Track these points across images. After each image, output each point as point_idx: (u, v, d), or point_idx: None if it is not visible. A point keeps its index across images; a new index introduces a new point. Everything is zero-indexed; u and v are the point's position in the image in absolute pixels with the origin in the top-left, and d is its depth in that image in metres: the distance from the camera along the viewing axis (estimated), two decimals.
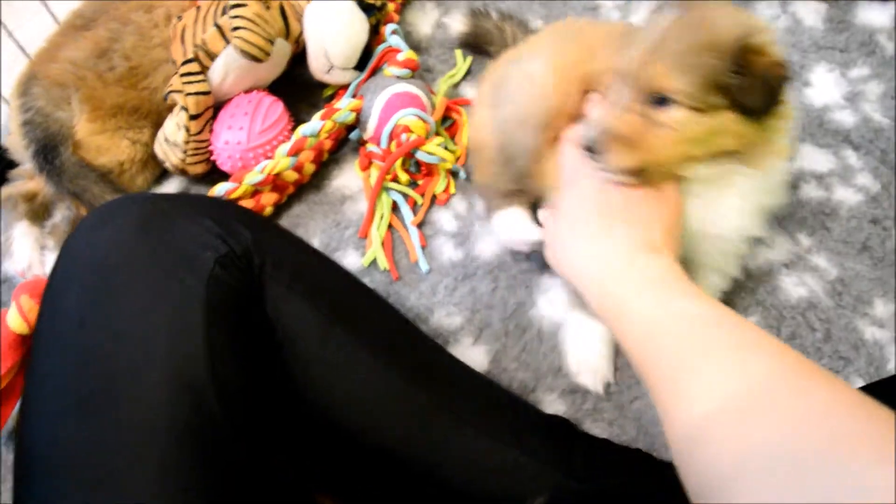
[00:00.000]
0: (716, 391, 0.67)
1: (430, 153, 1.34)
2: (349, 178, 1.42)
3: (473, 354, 1.24)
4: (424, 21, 1.63)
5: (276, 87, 1.46)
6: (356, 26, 1.37)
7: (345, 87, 1.44)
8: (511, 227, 1.23)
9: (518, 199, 1.22)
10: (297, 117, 1.44)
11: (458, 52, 1.56)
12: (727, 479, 0.60)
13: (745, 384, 0.66)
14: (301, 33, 1.40)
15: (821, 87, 1.54)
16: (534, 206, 1.22)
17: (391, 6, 1.54)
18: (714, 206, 0.97)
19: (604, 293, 0.86)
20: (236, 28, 1.30)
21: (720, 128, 0.87)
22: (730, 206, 0.97)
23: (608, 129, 0.88)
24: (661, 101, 0.86)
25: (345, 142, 1.45)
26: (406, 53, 1.40)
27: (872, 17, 1.66)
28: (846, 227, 1.37)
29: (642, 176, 0.90)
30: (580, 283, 0.90)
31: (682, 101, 0.85)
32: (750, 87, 0.83)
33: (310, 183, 1.41)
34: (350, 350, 0.93)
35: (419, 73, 1.52)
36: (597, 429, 1.18)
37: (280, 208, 1.39)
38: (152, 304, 0.81)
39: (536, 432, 1.03)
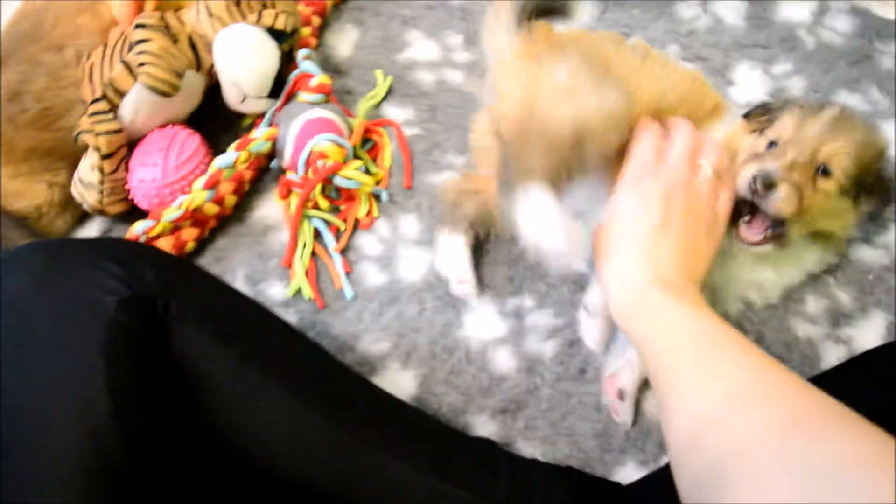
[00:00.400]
0: (726, 381, 0.74)
1: (348, 178, 1.32)
2: (271, 208, 1.39)
3: (401, 380, 1.22)
4: (343, 43, 1.61)
5: (196, 120, 1.43)
6: (266, 54, 1.35)
7: (262, 115, 1.42)
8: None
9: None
10: (219, 149, 1.40)
11: (379, 73, 1.54)
12: (737, 454, 0.66)
13: (753, 377, 0.74)
14: (213, 65, 1.38)
15: (745, 84, 1.53)
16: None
17: (307, 30, 1.52)
18: (779, 273, 1.17)
19: (626, 304, 0.92)
20: (142, 64, 1.28)
21: (847, 213, 1.07)
22: (789, 273, 1.18)
23: (787, 176, 0.98)
24: (824, 171, 1.02)
25: (266, 171, 1.43)
26: (319, 78, 1.38)
27: (792, 12, 1.65)
28: None
29: (782, 228, 1.03)
30: (604, 285, 0.96)
31: (839, 178, 1.02)
32: (875, 194, 1.06)
33: (232, 215, 1.39)
34: (262, 386, 0.92)
35: (339, 95, 1.50)
36: (529, 447, 1.17)
37: (203, 242, 1.36)
38: (52, 355, 0.80)
39: (459, 458, 1.01)
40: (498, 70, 1.24)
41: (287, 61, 1.42)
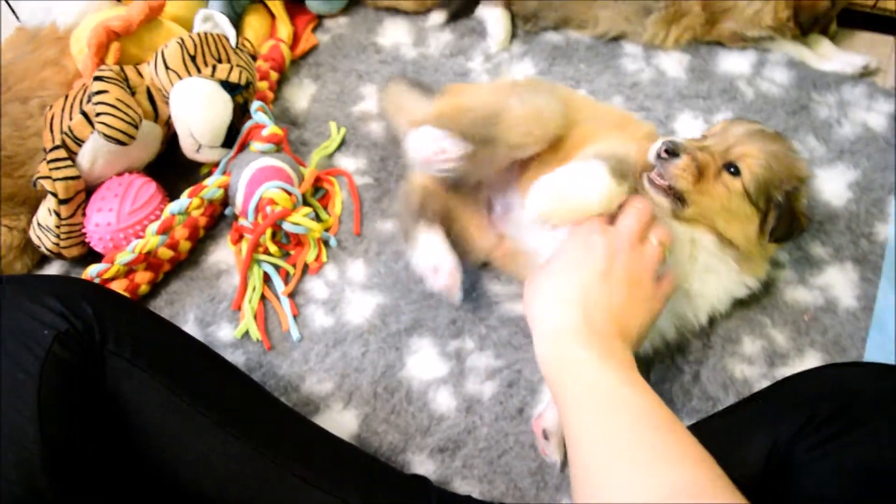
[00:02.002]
0: (616, 444, 0.77)
1: (296, 224, 1.36)
2: (225, 254, 1.43)
3: (343, 419, 1.24)
4: (301, 97, 1.68)
5: (155, 169, 1.48)
6: (219, 106, 1.40)
7: (217, 164, 1.47)
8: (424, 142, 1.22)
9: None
10: (176, 196, 1.45)
11: (332, 125, 1.60)
12: None
13: (644, 441, 0.76)
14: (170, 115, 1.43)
15: (687, 133, 1.58)
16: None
17: (264, 84, 1.58)
18: (706, 287, 1.21)
19: (549, 344, 0.92)
20: (99, 114, 1.33)
21: (749, 221, 1.12)
22: (714, 289, 1.22)
23: (692, 151, 1.05)
24: (734, 170, 1.08)
25: (222, 218, 1.47)
26: (270, 129, 1.43)
27: (733, 65, 1.72)
28: None
29: (677, 206, 1.09)
30: (532, 321, 0.97)
31: (747, 182, 1.08)
32: (784, 218, 1.12)
33: (187, 259, 1.43)
34: (193, 419, 0.95)
35: (295, 146, 1.55)
36: (467, 486, 1.18)
37: (157, 286, 1.40)
38: None
39: (389, 494, 1.03)
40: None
41: (242, 113, 1.47)
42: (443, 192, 1.30)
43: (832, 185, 1.51)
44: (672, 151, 1.05)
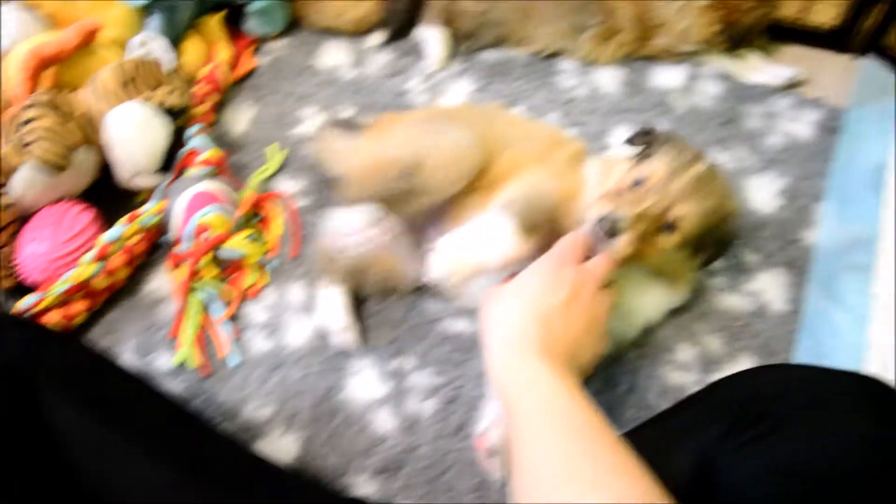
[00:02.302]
0: (566, 461, 0.78)
1: (233, 248, 1.36)
2: (162, 281, 1.43)
3: (284, 444, 1.24)
4: (240, 120, 1.68)
5: (91, 196, 1.47)
6: (155, 131, 1.40)
7: (154, 190, 1.46)
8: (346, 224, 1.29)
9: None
10: (113, 224, 1.44)
11: (272, 147, 1.60)
12: None
13: (594, 462, 0.78)
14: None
15: (618, 147, 1.61)
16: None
17: (204, 108, 1.58)
18: (638, 301, 1.25)
19: (506, 357, 0.94)
20: (31, 141, 1.32)
21: (679, 260, 1.18)
22: (646, 303, 1.27)
23: (632, 224, 1.06)
24: (669, 227, 1.10)
25: (160, 245, 1.47)
26: (207, 153, 1.43)
27: (665, 79, 1.76)
28: None
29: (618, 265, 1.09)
30: (491, 327, 0.98)
31: (681, 238, 1.11)
32: (713, 247, 1.18)
33: (124, 288, 1.42)
34: (126, 449, 0.95)
35: (235, 169, 1.55)
36: None
37: (94, 315, 1.38)
38: None
39: None
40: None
41: (179, 138, 1.47)
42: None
43: (762, 194, 1.55)
44: (613, 232, 1.06)
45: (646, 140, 1.21)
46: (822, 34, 1.90)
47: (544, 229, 1.12)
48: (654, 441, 0.98)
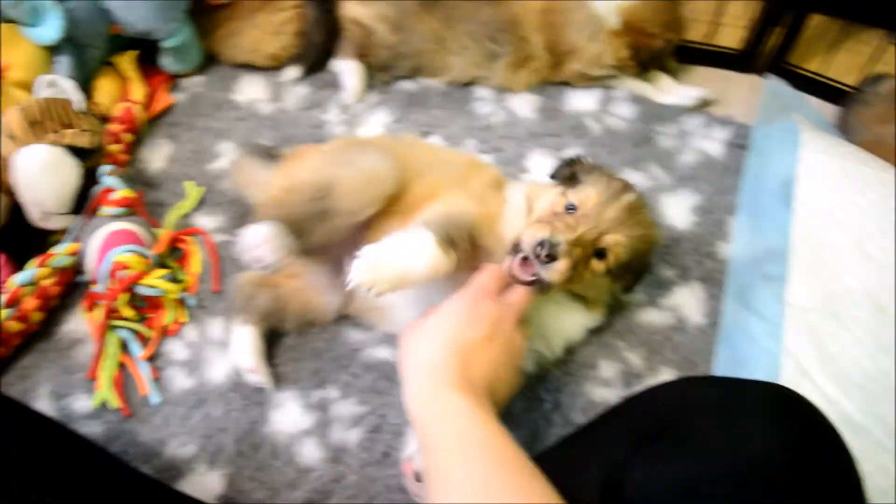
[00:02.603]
0: (475, 489, 0.79)
1: (150, 286, 1.34)
2: (79, 322, 1.39)
3: (208, 481, 1.22)
4: (157, 157, 1.66)
5: (4, 239, 1.43)
6: (65, 172, 1.38)
7: (67, 231, 1.43)
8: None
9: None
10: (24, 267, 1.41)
11: (190, 184, 1.59)
12: None
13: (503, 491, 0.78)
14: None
15: (538, 170, 1.64)
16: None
17: (117, 147, 1.56)
18: (558, 323, 1.27)
19: (425, 390, 0.93)
20: None
21: (603, 287, 1.23)
22: (566, 325, 1.29)
23: (569, 249, 1.06)
24: (601, 254, 1.13)
25: (76, 286, 1.43)
26: (121, 192, 1.41)
27: (580, 103, 1.80)
28: None
29: (541, 291, 1.11)
30: (410, 358, 0.99)
31: (611, 265, 1.14)
32: (634, 273, 1.23)
33: (39, 331, 1.38)
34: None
35: (151, 208, 1.54)
36: None
37: (7, 361, 1.34)
38: None
39: None
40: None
41: (92, 178, 1.45)
42: (276, 281, 1.34)
43: (677, 210, 1.59)
44: (552, 256, 1.06)
45: (573, 168, 1.24)
46: (728, 55, 1.98)
47: (464, 248, 1.12)
48: (566, 460, 0.99)
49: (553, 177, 1.27)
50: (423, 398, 0.92)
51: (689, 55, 1.97)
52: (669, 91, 1.85)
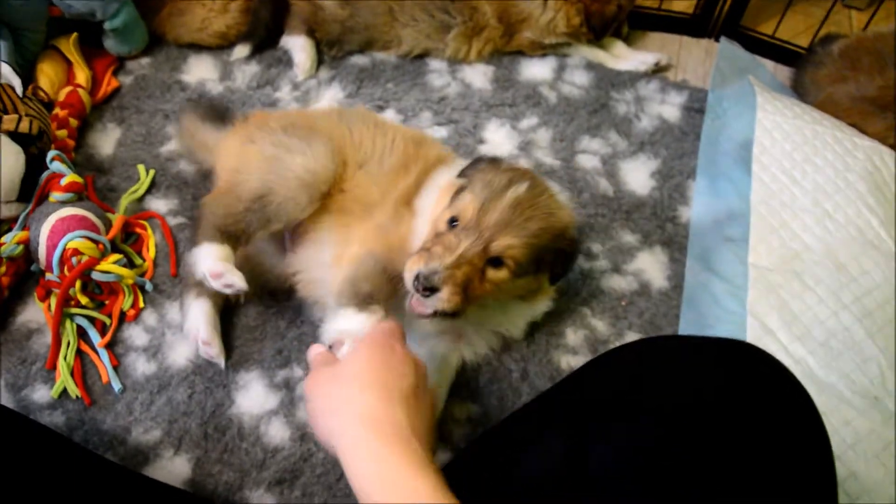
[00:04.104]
0: None
1: (105, 272, 1.30)
2: (33, 312, 1.36)
3: (175, 466, 1.20)
4: (106, 142, 1.62)
5: None
6: (9, 159, 1.34)
7: (16, 220, 1.39)
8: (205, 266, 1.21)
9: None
10: None
11: (141, 168, 1.55)
12: None
13: None
14: None
15: (495, 141, 1.64)
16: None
17: (63, 132, 1.52)
18: (498, 319, 1.26)
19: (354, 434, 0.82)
20: None
21: (524, 284, 1.16)
22: (507, 320, 1.27)
23: (449, 274, 1.02)
24: (497, 262, 1.07)
25: (28, 275, 1.39)
26: (69, 177, 1.37)
27: (535, 72, 1.79)
28: None
29: (451, 318, 1.07)
30: (331, 419, 0.87)
31: (511, 267, 1.07)
32: (559, 262, 1.16)
33: None
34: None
35: (102, 193, 1.50)
36: None
37: None
38: None
39: None
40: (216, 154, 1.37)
41: (38, 164, 1.41)
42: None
43: (636, 176, 1.59)
44: (431, 288, 1.02)
45: (468, 171, 1.18)
46: (681, 20, 1.98)
47: (384, 290, 1.11)
48: (529, 424, 0.98)
49: (461, 174, 1.21)
50: (366, 456, 0.79)
51: (642, 21, 1.97)
52: (624, 57, 1.85)
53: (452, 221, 1.09)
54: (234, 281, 1.17)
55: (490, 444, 1.01)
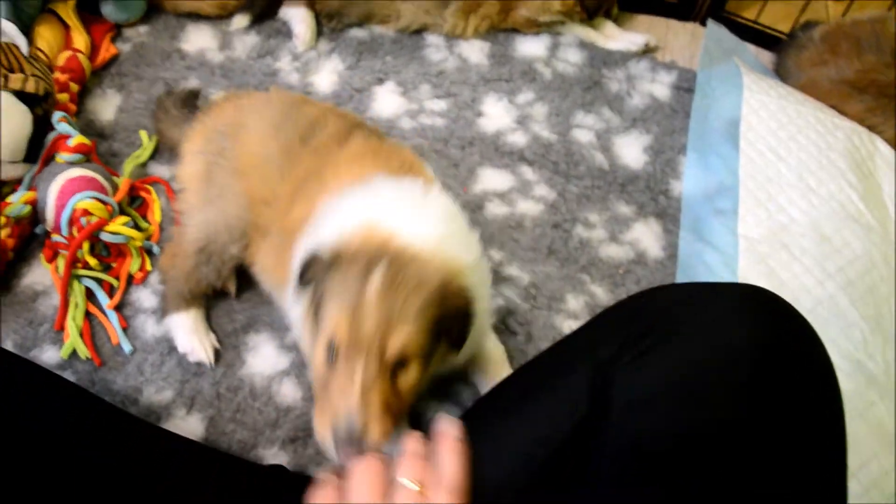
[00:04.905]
0: None
1: (115, 233, 1.31)
2: (40, 274, 1.36)
3: (188, 425, 1.21)
4: (106, 108, 1.62)
5: None
6: (16, 119, 1.33)
7: (21, 181, 1.39)
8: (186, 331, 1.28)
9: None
10: None
11: (143, 134, 1.55)
12: None
13: None
14: None
15: (493, 115, 1.67)
16: None
17: (65, 96, 1.51)
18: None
19: None
20: None
21: (438, 361, 1.00)
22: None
23: (367, 411, 0.88)
24: (400, 364, 0.92)
25: (33, 237, 1.39)
26: (76, 138, 1.37)
27: (530, 49, 1.83)
28: (532, 235, 1.48)
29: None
30: None
31: (417, 358, 0.93)
32: (454, 325, 0.97)
33: None
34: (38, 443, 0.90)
35: (104, 158, 1.50)
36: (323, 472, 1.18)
37: None
38: None
39: (247, 487, 1.01)
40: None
41: (43, 125, 1.40)
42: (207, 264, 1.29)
43: (629, 150, 1.64)
44: (359, 444, 0.88)
45: (308, 277, 1.00)
46: (668, 4, 2.03)
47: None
48: (548, 365, 1.00)
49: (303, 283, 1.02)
50: None
51: (631, 4, 2.02)
52: (615, 37, 1.89)
53: (330, 350, 0.92)
54: (202, 359, 1.26)
55: (505, 390, 1.04)
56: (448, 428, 0.84)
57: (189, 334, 1.27)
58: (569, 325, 1.36)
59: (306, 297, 1.00)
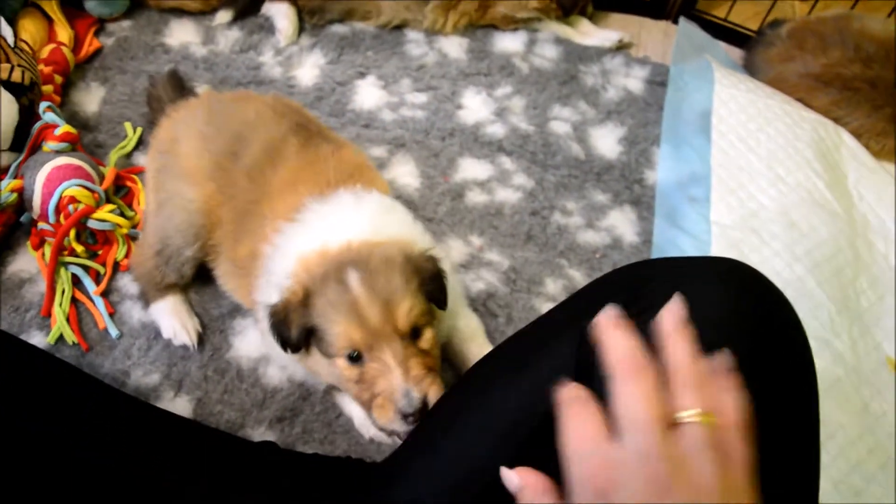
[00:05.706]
0: None
1: (102, 220, 1.33)
2: (25, 262, 1.37)
3: (176, 406, 1.23)
4: (90, 100, 1.63)
5: None
6: (2, 108, 1.35)
7: (6, 170, 1.40)
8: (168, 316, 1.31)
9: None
10: None
11: (128, 125, 1.57)
12: None
13: None
14: None
15: (472, 107, 1.71)
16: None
17: (49, 88, 1.53)
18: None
19: None
20: None
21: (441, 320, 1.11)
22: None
23: (416, 379, 0.98)
24: (415, 332, 1.02)
25: (17, 226, 1.41)
26: (63, 127, 1.39)
27: (507, 44, 1.88)
28: (511, 222, 1.52)
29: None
30: None
31: (426, 321, 1.03)
32: (434, 286, 1.06)
33: None
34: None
35: (89, 149, 1.52)
36: (310, 449, 1.20)
37: None
38: None
39: (239, 463, 1.03)
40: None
41: (29, 115, 1.42)
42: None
43: (605, 142, 1.69)
44: (423, 405, 0.98)
45: (288, 328, 1.04)
46: (641, 3, 2.09)
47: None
48: (536, 336, 1.03)
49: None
50: None
51: (605, 2, 2.07)
52: (590, 34, 1.94)
53: (353, 358, 1.01)
54: (186, 341, 1.29)
55: (488, 363, 1.06)
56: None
57: (170, 318, 1.29)
58: (548, 307, 1.39)
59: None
